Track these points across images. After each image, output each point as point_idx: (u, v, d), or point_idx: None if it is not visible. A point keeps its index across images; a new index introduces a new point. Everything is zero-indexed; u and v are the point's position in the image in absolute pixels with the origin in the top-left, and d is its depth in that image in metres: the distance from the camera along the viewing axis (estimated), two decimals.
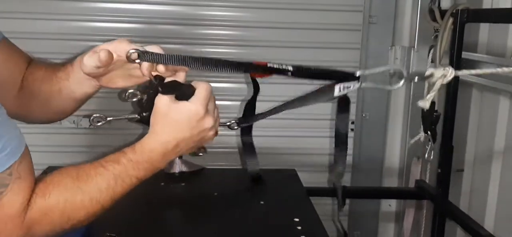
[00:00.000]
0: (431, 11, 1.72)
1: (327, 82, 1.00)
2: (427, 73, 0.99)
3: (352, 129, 1.98)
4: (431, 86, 1.00)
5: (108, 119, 1.00)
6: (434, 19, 1.70)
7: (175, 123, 0.92)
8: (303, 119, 1.90)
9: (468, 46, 1.69)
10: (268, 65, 0.99)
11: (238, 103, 1.80)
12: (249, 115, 1.22)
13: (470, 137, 1.84)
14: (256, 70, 1.05)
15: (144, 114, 0.98)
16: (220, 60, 0.96)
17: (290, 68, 0.99)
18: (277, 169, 1.43)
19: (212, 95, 0.96)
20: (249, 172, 1.28)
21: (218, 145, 1.19)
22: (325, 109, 1.83)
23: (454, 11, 1.57)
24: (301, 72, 1.00)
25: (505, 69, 1.20)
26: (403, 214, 1.94)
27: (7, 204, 0.74)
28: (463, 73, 1.18)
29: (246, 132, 1.27)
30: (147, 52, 0.91)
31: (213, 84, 0.96)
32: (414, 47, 1.91)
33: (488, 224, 1.68)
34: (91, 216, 0.84)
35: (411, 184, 1.82)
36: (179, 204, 1.17)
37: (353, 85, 0.98)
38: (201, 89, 0.94)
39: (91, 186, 0.83)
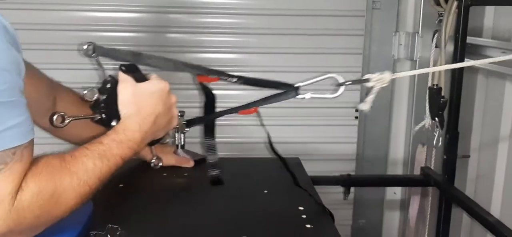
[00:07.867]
0: None
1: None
2: (364, 77, 0.99)
3: (356, 117, 1.97)
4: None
5: (67, 121, 0.96)
6: (438, 3, 1.66)
7: (150, 97, 0.98)
8: (307, 107, 1.88)
9: (473, 31, 1.66)
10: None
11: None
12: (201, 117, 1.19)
13: (475, 123, 1.83)
14: (203, 73, 1.10)
15: (103, 116, 0.99)
16: (170, 60, 1.07)
17: (235, 79, 1.09)
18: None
19: None
20: (208, 176, 1.18)
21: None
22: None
23: None
24: (246, 80, 1.11)
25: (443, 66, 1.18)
26: (408, 202, 1.92)
27: (0, 183, 0.72)
28: (399, 75, 1.15)
29: (209, 134, 1.18)
30: (101, 47, 0.98)
31: None
32: (418, 32, 1.89)
33: (495, 210, 1.67)
34: (79, 198, 0.83)
35: (416, 172, 1.80)
36: (182, 194, 1.15)
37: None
38: (155, 75, 1.03)
39: (78, 166, 0.83)
